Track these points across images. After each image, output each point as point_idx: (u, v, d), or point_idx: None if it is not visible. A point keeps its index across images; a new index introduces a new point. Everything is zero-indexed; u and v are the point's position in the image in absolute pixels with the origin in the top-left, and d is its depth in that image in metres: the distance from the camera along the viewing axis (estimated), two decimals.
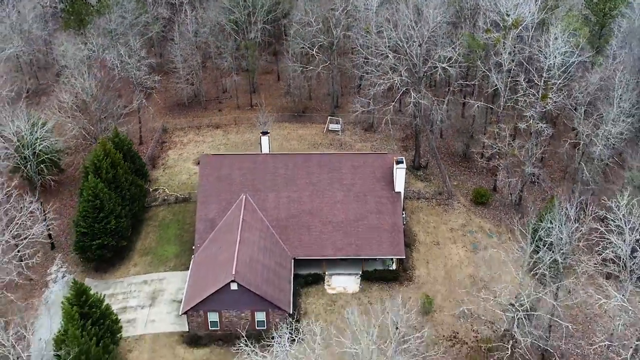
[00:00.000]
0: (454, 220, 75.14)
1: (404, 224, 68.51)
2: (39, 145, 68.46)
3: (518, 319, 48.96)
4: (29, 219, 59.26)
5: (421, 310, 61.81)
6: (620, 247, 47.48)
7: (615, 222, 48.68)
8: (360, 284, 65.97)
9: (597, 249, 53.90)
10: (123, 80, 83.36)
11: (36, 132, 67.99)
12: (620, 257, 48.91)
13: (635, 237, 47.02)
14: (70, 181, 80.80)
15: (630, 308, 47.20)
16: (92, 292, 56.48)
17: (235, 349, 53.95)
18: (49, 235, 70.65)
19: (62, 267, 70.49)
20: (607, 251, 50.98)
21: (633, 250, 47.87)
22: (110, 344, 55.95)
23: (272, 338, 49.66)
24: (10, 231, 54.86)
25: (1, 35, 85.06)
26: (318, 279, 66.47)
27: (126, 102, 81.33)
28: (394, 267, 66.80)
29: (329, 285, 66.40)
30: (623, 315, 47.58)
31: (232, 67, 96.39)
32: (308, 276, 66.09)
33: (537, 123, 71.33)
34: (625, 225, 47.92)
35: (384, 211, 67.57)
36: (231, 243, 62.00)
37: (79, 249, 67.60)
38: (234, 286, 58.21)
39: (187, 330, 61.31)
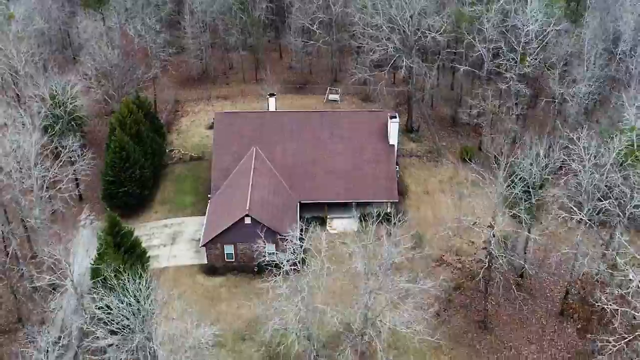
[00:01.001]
0: (442, 174, 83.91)
1: (397, 177, 77.19)
2: (70, 104, 76.77)
3: (494, 236, 57.62)
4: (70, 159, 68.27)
5: (412, 245, 70.31)
6: (579, 170, 56.33)
7: (576, 151, 57.56)
8: (357, 225, 74.47)
9: (562, 179, 62.68)
10: (141, 50, 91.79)
11: (67, 92, 76.33)
12: (581, 184, 57.63)
13: (592, 162, 55.87)
14: (94, 144, 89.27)
15: (588, 221, 56.05)
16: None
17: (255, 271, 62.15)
18: (77, 185, 78.91)
19: (90, 216, 79.04)
20: (572, 182, 59.94)
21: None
22: (140, 270, 64.40)
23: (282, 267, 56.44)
24: (57, 166, 63.49)
25: (25, 14, 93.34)
26: (320, 221, 75.01)
27: (145, 71, 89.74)
28: (388, 210, 75.37)
29: (330, 226, 75.03)
30: (582, 227, 56.49)
31: (239, 44, 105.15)
32: (311, 218, 74.61)
33: (516, 84, 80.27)
34: (585, 155, 56.75)
35: (379, 161, 76.35)
36: (244, 186, 70.75)
37: (106, 197, 76.19)
38: (247, 220, 66.92)
39: (206, 262, 69.92)
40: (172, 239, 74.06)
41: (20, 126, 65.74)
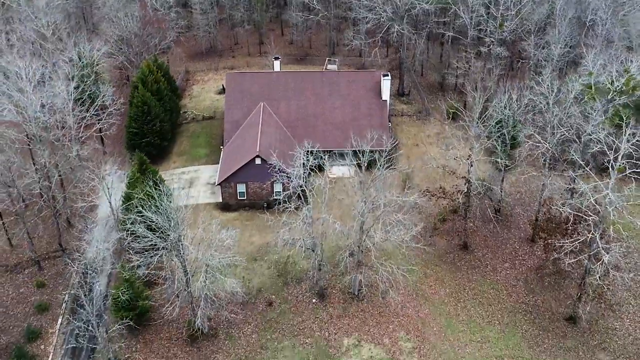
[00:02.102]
0: (430, 130, 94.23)
1: (390, 131, 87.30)
2: (96, 65, 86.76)
3: (471, 165, 67.95)
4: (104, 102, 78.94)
5: (401, 185, 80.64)
6: (544, 107, 66.79)
7: (540, 90, 68.11)
8: (353, 171, 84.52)
9: (531, 114, 73.14)
10: (157, 22, 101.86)
11: (93, 55, 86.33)
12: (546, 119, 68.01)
13: (553, 97, 66.33)
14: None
15: (550, 148, 66.49)
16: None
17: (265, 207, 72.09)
18: (102, 140, 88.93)
19: (114, 166, 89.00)
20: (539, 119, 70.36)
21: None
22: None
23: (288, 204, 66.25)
24: (95, 108, 73.70)
25: None
26: (321, 168, 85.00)
27: (161, 38, 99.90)
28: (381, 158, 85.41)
29: (330, 172, 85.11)
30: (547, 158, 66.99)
31: (244, 19, 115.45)
32: (313, 166, 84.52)
33: (496, 48, 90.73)
34: (549, 94, 67.20)
35: (373, 114, 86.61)
36: (254, 134, 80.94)
37: (130, 147, 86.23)
38: (258, 161, 77.10)
39: (220, 200, 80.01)
40: (190, 183, 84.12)
41: (57, 79, 75.73)
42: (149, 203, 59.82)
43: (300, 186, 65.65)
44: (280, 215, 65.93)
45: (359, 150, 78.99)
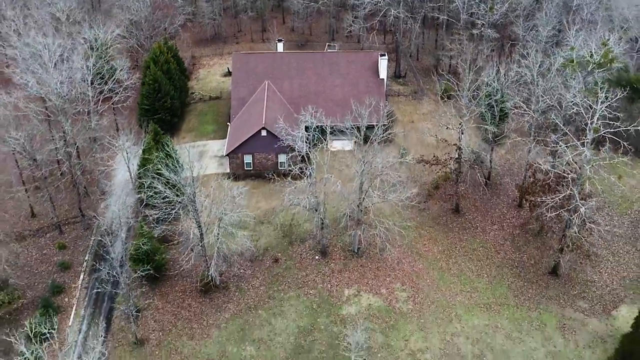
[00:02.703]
0: (425, 108, 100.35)
1: (387, 108, 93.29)
2: (110, 46, 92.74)
3: (462, 133, 74.10)
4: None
5: (399, 158, 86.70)
6: (529, 79, 73.01)
7: (525, 63, 74.33)
8: (353, 145, 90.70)
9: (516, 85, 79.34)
10: (166, 7, 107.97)
11: (107, 36, 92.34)
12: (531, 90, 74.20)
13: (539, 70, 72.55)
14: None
15: (533, 115, 72.68)
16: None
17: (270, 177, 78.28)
18: (114, 116, 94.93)
19: (127, 142, 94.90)
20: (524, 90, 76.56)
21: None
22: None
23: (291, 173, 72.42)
24: (112, 81, 79.85)
25: None
26: (321, 142, 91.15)
27: (171, 22, 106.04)
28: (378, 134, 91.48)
29: (331, 146, 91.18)
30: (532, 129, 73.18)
31: (247, 7, 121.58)
32: (315, 140, 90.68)
33: (487, 30, 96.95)
34: (533, 66, 73.41)
35: (371, 92, 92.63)
36: (259, 109, 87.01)
37: (142, 123, 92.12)
38: (263, 132, 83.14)
39: (228, 170, 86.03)
40: (200, 156, 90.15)
41: (77, 55, 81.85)
42: (166, 162, 65.90)
43: (305, 150, 71.56)
44: (285, 180, 71.89)
45: (358, 125, 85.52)
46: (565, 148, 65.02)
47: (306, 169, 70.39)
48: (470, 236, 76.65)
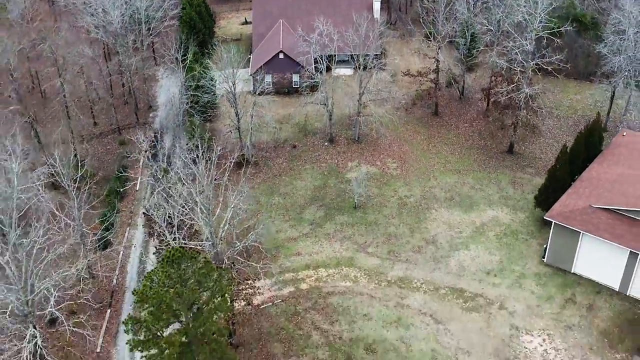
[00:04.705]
0: (413, 45, 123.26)
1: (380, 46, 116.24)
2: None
3: (440, 48, 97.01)
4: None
5: (391, 79, 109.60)
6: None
7: None
8: (352, 71, 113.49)
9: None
10: None
11: None
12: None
13: None
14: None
15: (496, 32, 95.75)
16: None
17: (286, 92, 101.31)
18: (153, 51, 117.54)
19: (164, 74, 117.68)
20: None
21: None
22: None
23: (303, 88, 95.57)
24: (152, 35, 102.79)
25: None
26: (328, 69, 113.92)
27: None
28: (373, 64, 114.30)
29: (334, 72, 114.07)
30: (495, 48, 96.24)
31: None
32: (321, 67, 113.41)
33: None
34: None
35: (368, 28, 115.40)
36: (277, 38, 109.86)
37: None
38: (281, 55, 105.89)
39: (252, 88, 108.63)
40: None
41: None
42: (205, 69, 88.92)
43: (313, 70, 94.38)
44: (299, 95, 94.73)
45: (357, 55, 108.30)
46: (515, 48, 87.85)
47: (315, 84, 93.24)
48: (446, 130, 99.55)
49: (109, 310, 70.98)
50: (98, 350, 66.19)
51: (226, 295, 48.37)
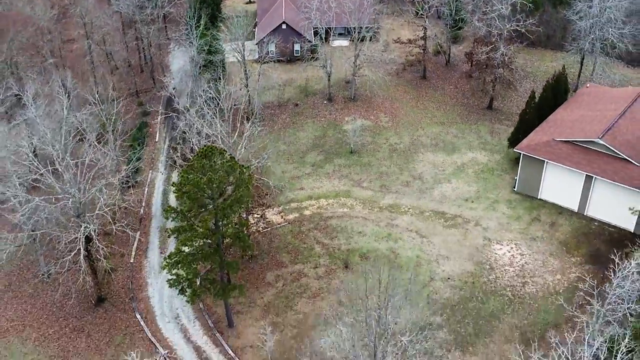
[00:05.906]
0: (403, 21, 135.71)
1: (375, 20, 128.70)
2: None
3: (427, 17, 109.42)
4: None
5: (384, 49, 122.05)
6: None
7: None
8: (349, 43, 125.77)
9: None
10: None
11: None
12: None
13: None
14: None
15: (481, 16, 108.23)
16: None
17: (288, 60, 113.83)
18: (165, 28, 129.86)
19: (175, 47, 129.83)
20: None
21: None
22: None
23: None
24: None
25: None
26: (326, 39, 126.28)
27: None
28: (369, 35, 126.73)
29: (332, 43, 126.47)
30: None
31: None
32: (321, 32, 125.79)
33: None
34: None
35: (362, 3, 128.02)
36: (280, 11, 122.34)
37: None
38: (284, 26, 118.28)
39: (257, 56, 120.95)
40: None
41: None
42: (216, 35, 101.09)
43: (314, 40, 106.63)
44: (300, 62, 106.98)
45: (353, 28, 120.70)
46: (492, 13, 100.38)
47: (314, 48, 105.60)
48: (433, 91, 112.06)
49: (138, 232, 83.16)
50: (132, 261, 78.39)
51: (248, 186, 60.41)
